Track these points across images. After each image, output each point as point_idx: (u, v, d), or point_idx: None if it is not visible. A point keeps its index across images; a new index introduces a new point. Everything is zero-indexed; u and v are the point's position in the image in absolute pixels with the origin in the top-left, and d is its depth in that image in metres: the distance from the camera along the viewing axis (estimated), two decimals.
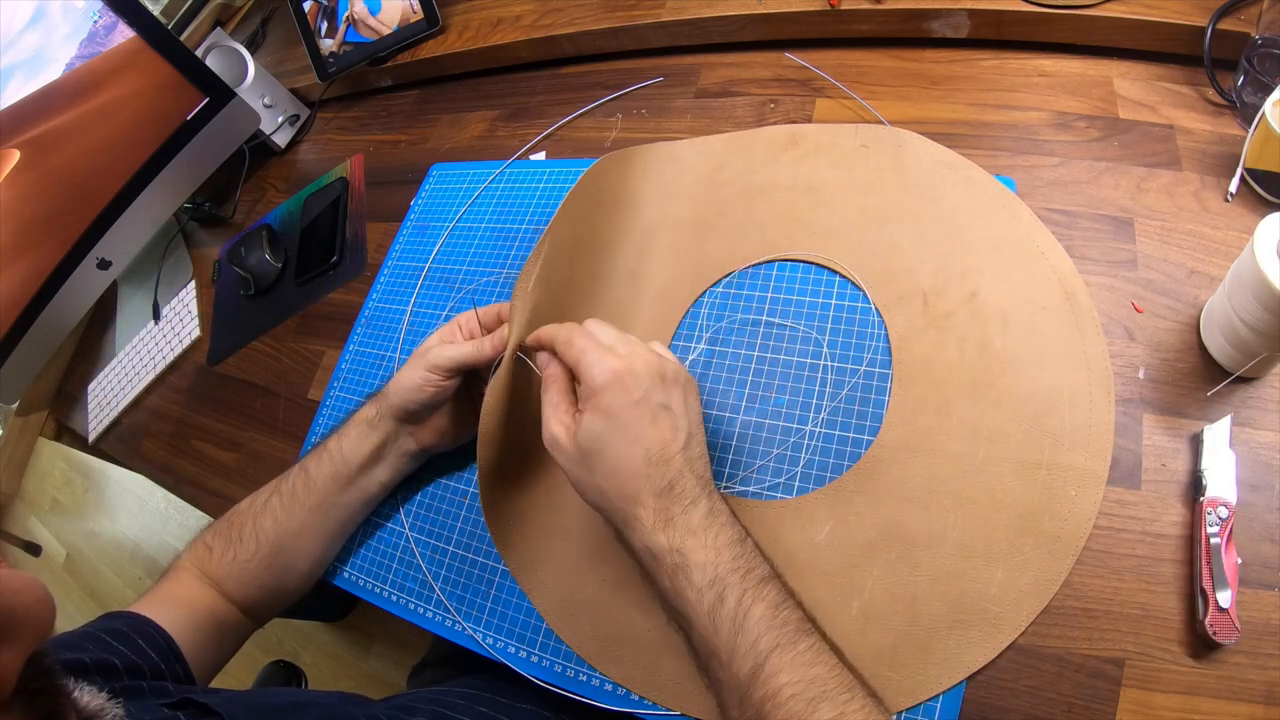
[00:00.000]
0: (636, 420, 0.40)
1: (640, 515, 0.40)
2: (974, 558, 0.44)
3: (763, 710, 0.36)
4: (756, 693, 0.36)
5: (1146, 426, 0.45)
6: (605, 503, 0.41)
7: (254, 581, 0.55)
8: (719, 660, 0.38)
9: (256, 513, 0.55)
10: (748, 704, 0.37)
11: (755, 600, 0.38)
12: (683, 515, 0.40)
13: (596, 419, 0.40)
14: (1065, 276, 0.50)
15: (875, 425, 0.50)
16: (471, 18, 0.87)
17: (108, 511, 2.05)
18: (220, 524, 0.57)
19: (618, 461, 0.40)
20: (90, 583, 1.96)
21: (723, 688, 0.39)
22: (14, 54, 0.73)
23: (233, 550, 0.54)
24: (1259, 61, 0.51)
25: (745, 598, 0.38)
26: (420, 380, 0.52)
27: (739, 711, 0.37)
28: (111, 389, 0.90)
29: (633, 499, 0.40)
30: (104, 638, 0.45)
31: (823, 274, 0.56)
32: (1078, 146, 0.56)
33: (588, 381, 0.41)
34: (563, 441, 0.42)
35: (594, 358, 0.41)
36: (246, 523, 0.55)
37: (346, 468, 0.55)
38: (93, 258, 0.83)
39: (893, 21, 0.64)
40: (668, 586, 0.40)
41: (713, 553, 0.39)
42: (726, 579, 0.38)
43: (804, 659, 0.37)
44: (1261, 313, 0.40)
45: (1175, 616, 0.40)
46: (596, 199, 0.59)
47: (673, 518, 0.40)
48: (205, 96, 0.81)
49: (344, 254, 0.81)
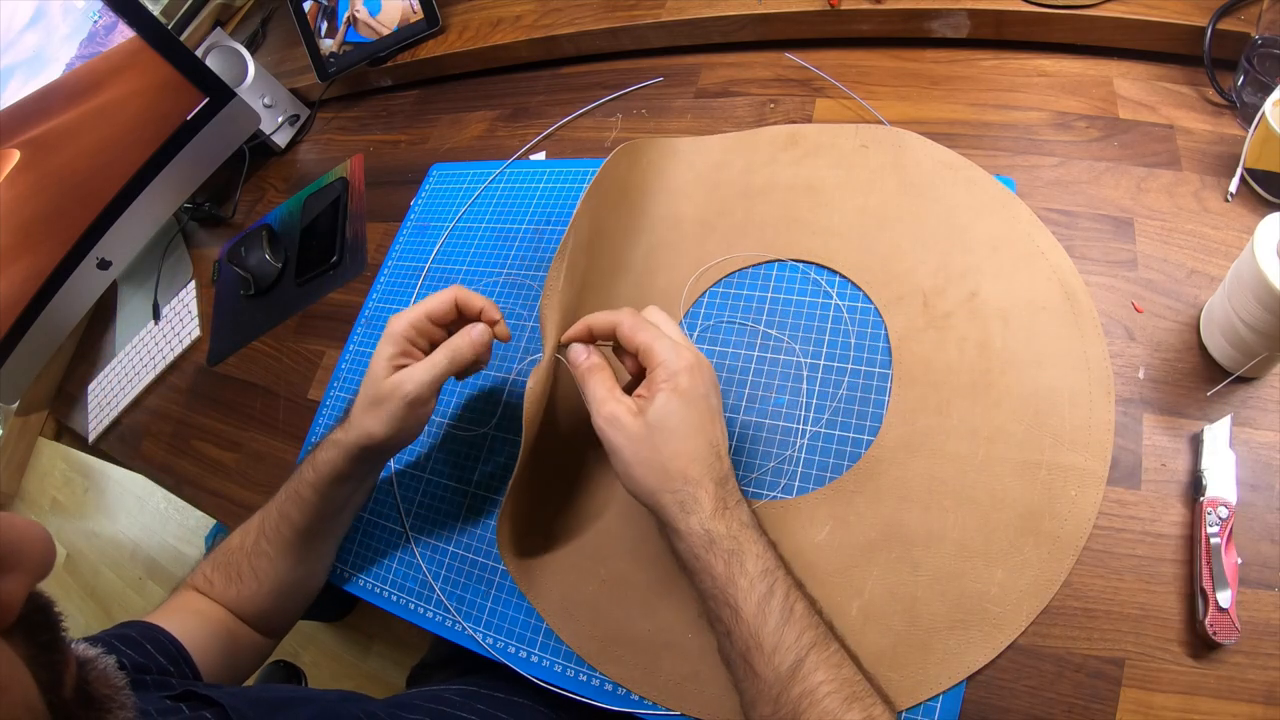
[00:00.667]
0: (707, 410, 0.42)
1: (701, 498, 0.40)
2: (974, 558, 0.44)
3: (799, 707, 0.36)
4: (795, 689, 0.37)
5: (1146, 426, 0.45)
6: (663, 483, 0.41)
7: (261, 610, 0.55)
8: (762, 652, 0.38)
9: (249, 554, 0.54)
10: (784, 700, 0.37)
11: (799, 598, 0.39)
12: (737, 508, 0.41)
13: (675, 399, 0.41)
14: (1065, 276, 0.50)
15: (875, 425, 0.50)
16: (471, 18, 0.87)
17: (108, 511, 2.05)
18: (217, 559, 0.55)
19: (686, 442, 0.41)
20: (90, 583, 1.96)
21: (759, 681, 0.38)
22: (14, 54, 0.73)
23: (235, 588, 0.54)
24: (1259, 61, 0.51)
25: (792, 594, 0.39)
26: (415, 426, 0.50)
27: (772, 708, 0.37)
28: (111, 389, 0.90)
29: (696, 481, 0.41)
30: (112, 641, 0.45)
31: (823, 274, 0.56)
32: (1078, 146, 0.56)
33: (666, 364, 0.41)
34: (626, 419, 0.41)
35: (669, 344, 0.42)
36: (243, 564, 0.54)
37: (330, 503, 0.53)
38: (93, 258, 0.83)
39: (893, 21, 0.64)
40: (721, 572, 0.40)
41: (763, 547, 0.40)
42: (776, 573, 0.40)
43: (836, 659, 0.38)
44: (1261, 313, 0.40)
45: (1175, 616, 0.40)
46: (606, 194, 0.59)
47: (730, 507, 0.41)
48: (205, 96, 0.81)
49: (344, 254, 0.81)
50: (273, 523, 0.53)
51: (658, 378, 0.42)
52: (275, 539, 0.53)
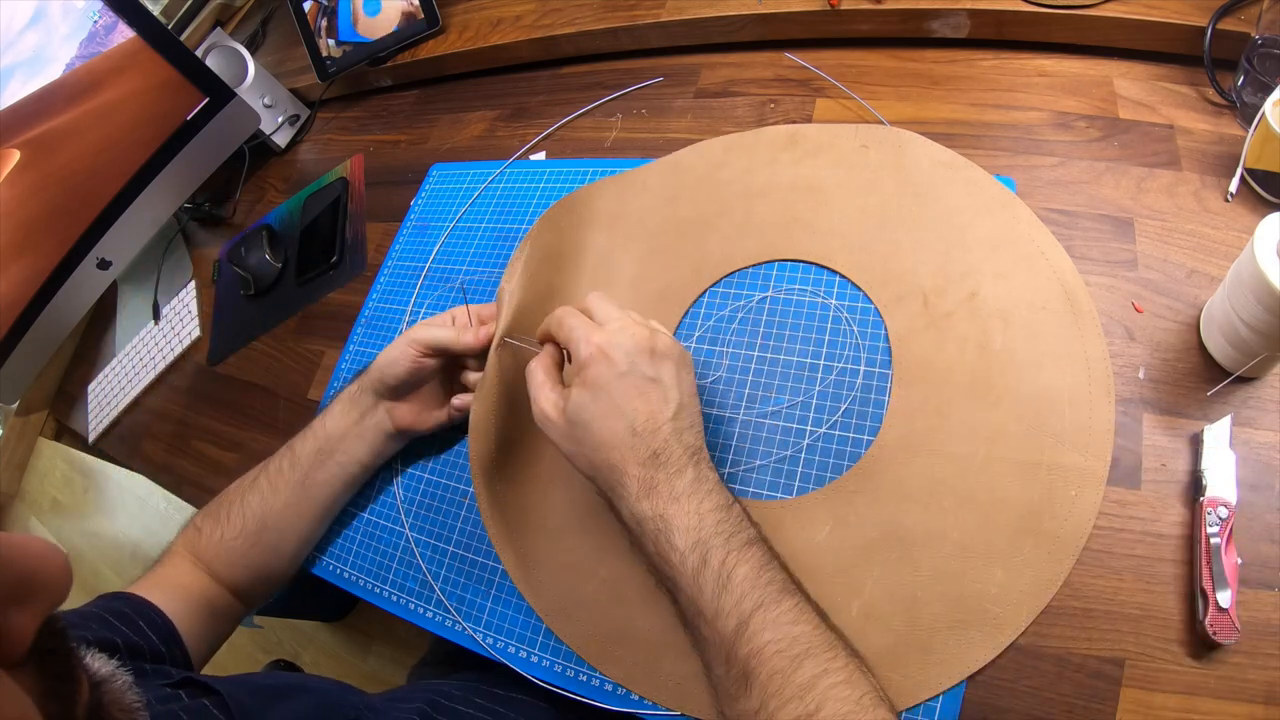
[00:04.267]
0: (623, 392, 0.42)
1: (625, 484, 0.41)
2: (974, 558, 0.44)
3: (748, 666, 0.37)
4: (741, 649, 0.37)
5: (1146, 426, 0.45)
6: (594, 474, 0.43)
7: (240, 561, 0.55)
8: (704, 618, 0.39)
9: (244, 491, 0.56)
10: (733, 660, 0.37)
11: (739, 562, 0.39)
12: (667, 483, 0.41)
13: (584, 392, 0.42)
14: (1065, 276, 0.50)
15: (875, 425, 0.49)
16: (471, 18, 0.87)
17: (108, 511, 2.05)
18: (210, 505, 0.58)
19: (603, 433, 0.41)
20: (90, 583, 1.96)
21: (708, 645, 0.39)
22: (14, 54, 0.73)
23: (220, 529, 0.55)
24: (1259, 61, 0.51)
25: (729, 559, 0.39)
26: (398, 354, 0.54)
27: (725, 669, 0.38)
28: (111, 389, 0.90)
29: (618, 468, 0.41)
30: (106, 617, 0.45)
31: (823, 274, 0.56)
32: (1078, 146, 0.56)
33: (575, 357, 0.43)
34: (552, 416, 0.43)
35: (581, 334, 0.43)
36: (235, 501, 0.56)
37: (328, 442, 0.56)
38: (93, 258, 0.83)
39: (893, 21, 0.64)
40: (652, 551, 0.41)
41: (695, 518, 0.40)
42: (710, 542, 0.39)
43: (787, 617, 0.38)
44: (1261, 313, 0.40)
45: (1175, 616, 0.40)
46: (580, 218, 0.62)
47: (657, 485, 0.41)
48: (205, 96, 0.81)
49: (344, 254, 0.81)
50: (277, 461, 0.57)
51: (573, 370, 0.43)
52: (275, 475, 0.56)
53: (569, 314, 0.45)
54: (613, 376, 0.42)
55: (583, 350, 0.42)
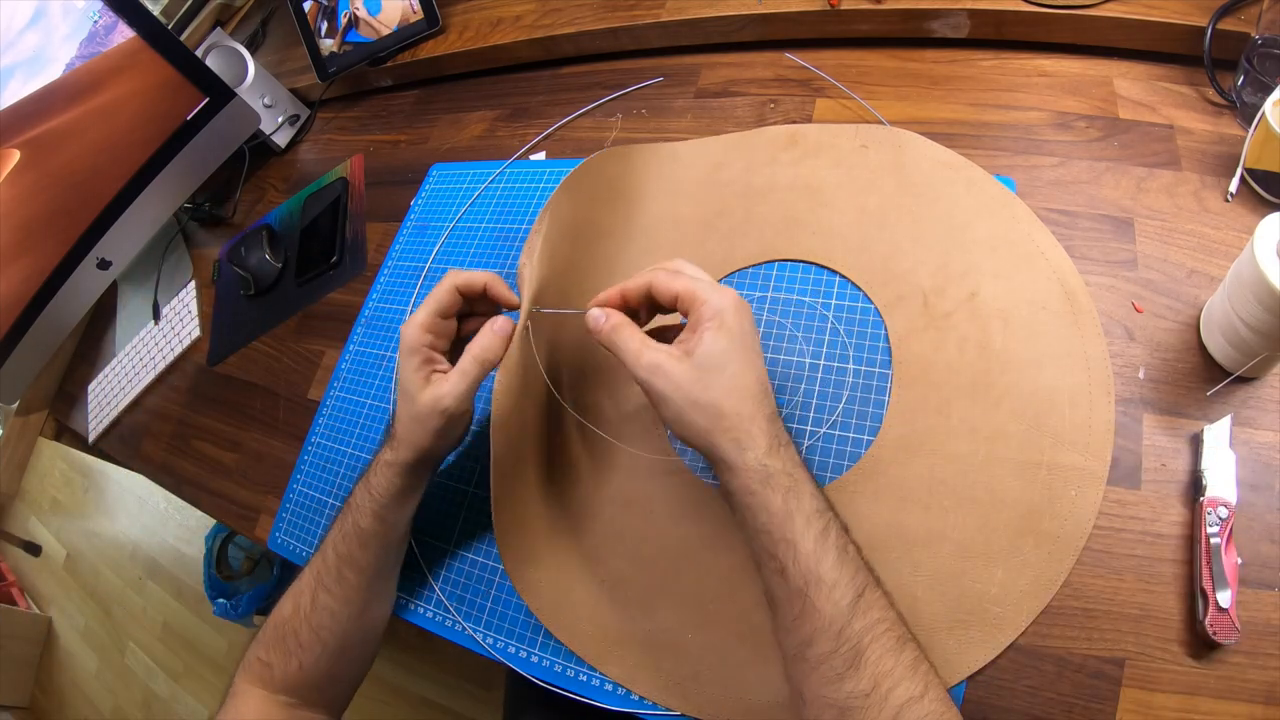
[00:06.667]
0: (754, 346, 0.42)
1: (755, 434, 0.40)
2: (974, 558, 0.44)
3: (861, 643, 0.36)
4: (857, 623, 0.36)
5: (1146, 426, 0.45)
6: (717, 422, 0.40)
7: (326, 676, 0.51)
8: (822, 587, 0.37)
9: (306, 616, 0.50)
10: (845, 636, 0.36)
11: (849, 540, 0.39)
12: (788, 445, 0.41)
13: (722, 336, 0.40)
14: (1065, 276, 0.50)
15: (875, 425, 0.50)
16: (471, 18, 0.87)
17: (108, 511, 2.05)
18: (267, 637, 0.51)
19: (739, 378, 0.40)
20: (90, 583, 1.97)
21: (818, 616, 0.37)
22: (14, 54, 0.73)
23: (296, 659, 0.49)
24: (1259, 61, 0.51)
25: (844, 534, 0.39)
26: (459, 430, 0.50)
27: (834, 644, 0.37)
28: (111, 389, 0.90)
29: (750, 417, 0.40)
30: None
31: (823, 274, 0.56)
32: (1078, 146, 0.56)
33: (710, 302, 0.41)
34: (670, 364, 0.40)
35: (709, 284, 0.42)
36: (301, 628, 0.50)
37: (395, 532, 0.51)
38: (93, 258, 0.83)
39: (893, 21, 0.64)
40: (779, 507, 0.39)
41: (815, 486, 0.40)
42: (829, 513, 0.39)
43: (885, 601, 0.38)
44: (1261, 313, 0.40)
45: (1175, 616, 0.40)
46: (595, 189, 0.60)
47: (783, 444, 0.40)
48: (205, 96, 0.81)
49: (344, 254, 0.81)
50: (331, 571, 0.50)
51: (703, 316, 0.41)
52: (336, 587, 0.50)
53: (686, 265, 0.44)
54: (749, 328, 0.41)
55: (717, 297, 0.41)
